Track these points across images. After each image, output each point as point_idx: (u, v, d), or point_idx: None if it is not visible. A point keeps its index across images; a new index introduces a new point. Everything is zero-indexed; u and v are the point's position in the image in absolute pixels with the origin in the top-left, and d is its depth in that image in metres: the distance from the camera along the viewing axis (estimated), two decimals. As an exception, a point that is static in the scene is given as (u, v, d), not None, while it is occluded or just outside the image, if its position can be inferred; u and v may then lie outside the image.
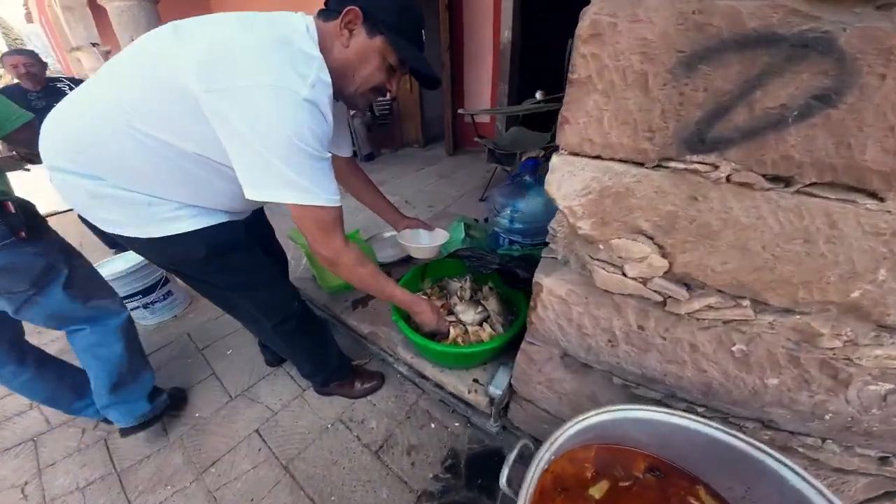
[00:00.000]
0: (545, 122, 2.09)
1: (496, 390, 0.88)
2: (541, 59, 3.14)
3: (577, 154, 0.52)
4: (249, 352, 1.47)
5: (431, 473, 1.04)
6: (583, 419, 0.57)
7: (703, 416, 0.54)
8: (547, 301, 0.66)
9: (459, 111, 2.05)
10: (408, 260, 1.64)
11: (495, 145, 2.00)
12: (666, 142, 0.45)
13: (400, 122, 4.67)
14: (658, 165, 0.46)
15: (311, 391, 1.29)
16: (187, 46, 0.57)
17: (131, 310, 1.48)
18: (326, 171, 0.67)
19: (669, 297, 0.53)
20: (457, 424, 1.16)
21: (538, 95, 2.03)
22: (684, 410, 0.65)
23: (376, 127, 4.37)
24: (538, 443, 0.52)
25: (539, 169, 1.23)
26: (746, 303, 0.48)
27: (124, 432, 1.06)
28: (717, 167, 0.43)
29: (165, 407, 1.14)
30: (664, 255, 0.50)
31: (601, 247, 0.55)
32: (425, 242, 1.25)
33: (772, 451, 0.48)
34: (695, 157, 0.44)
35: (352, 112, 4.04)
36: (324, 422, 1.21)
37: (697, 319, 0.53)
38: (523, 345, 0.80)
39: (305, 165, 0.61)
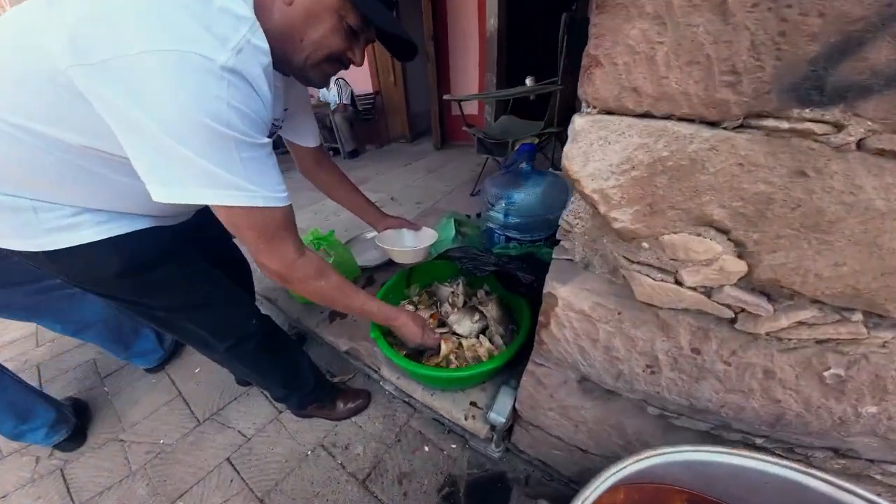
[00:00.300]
0: (537, 111, 1.93)
1: (498, 417, 0.72)
2: (529, 48, 2.98)
3: (612, 112, 0.36)
4: (219, 370, 1.27)
5: (427, 504, 0.89)
6: (627, 465, 0.42)
7: (762, 448, 0.41)
8: (563, 318, 0.50)
9: (445, 97, 1.86)
10: (393, 263, 1.47)
11: (484, 134, 1.83)
12: (759, 90, 0.29)
13: (385, 116, 4.45)
14: (744, 125, 0.31)
15: (288, 413, 1.12)
16: (62, 14, 0.40)
17: (79, 328, 1.31)
18: (264, 160, 0.50)
19: (743, 311, 0.38)
20: (453, 447, 1.01)
21: (528, 82, 1.87)
22: (738, 442, 0.52)
23: (360, 122, 4.14)
24: (547, 468, 0.37)
25: (537, 155, 1.07)
26: (857, 317, 0.34)
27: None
28: (842, 127, 0.27)
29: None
30: (741, 256, 0.35)
31: (645, 245, 0.39)
32: (410, 244, 1.08)
33: (864, 493, 0.35)
34: (806, 113, 0.28)
35: (332, 108, 3.81)
36: (303, 448, 1.04)
37: (779, 340, 0.38)
38: (530, 365, 0.64)
39: (232, 156, 0.45)
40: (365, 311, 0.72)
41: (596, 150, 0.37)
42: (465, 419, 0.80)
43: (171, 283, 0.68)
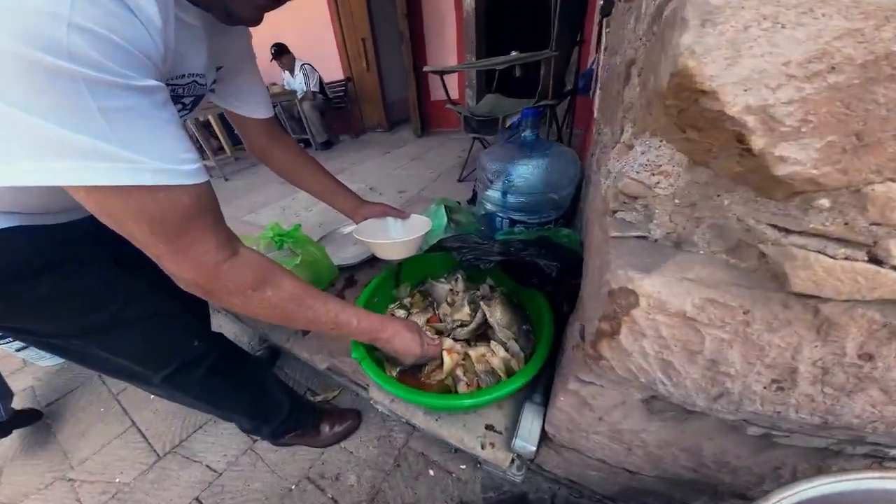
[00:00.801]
0: (523, 89, 1.74)
1: (526, 446, 0.55)
2: (509, 26, 2.76)
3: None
4: (178, 396, 1.05)
5: (439, 542, 0.72)
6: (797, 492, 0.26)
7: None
8: (646, 324, 0.32)
9: (425, 69, 1.61)
10: (377, 259, 1.26)
11: (471, 113, 1.61)
12: None
13: (359, 104, 4.12)
14: None
15: (265, 442, 0.91)
16: None
17: (18, 350, 1.13)
18: (151, 115, 0.31)
19: None
20: (463, 467, 0.83)
21: (514, 55, 1.66)
22: (864, 456, 0.37)
23: (331, 111, 3.80)
24: (576, 485, 0.22)
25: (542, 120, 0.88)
26: None
27: None
28: None
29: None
30: None
31: (825, 203, 0.21)
32: (397, 236, 0.87)
33: None
34: None
35: (300, 96, 3.44)
36: (286, 482, 0.84)
37: None
38: (573, 383, 0.47)
39: (82, 106, 0.26)
40: (339, 325, 0.51)
41: (756, 39, 0.19)
42: (482, 448, 0.62)
43: (62, 301, 0.47)
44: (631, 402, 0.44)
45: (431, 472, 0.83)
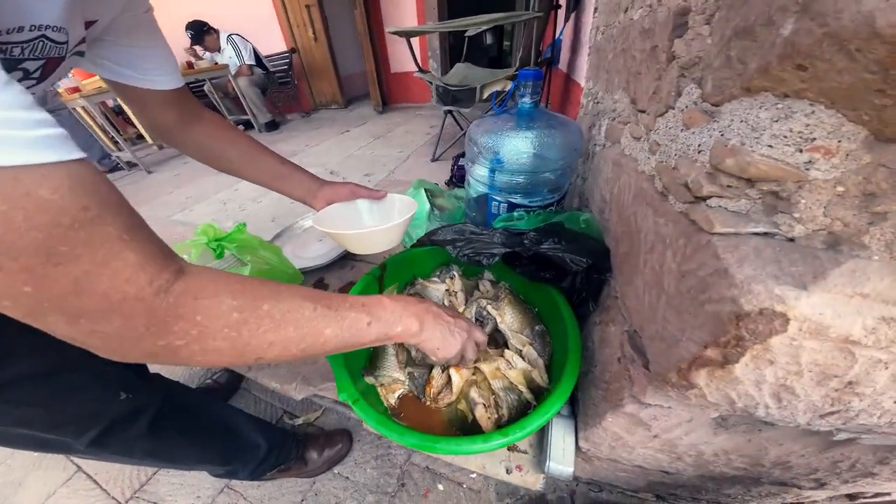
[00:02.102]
0: (495, 59, 1.57)
1: (562, 469, 0.46)
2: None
3: None
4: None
5: (458, 562, 0.64)
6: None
7: None
8: (784, 351, 0.22)
9: (388, 30, 1.35)
10: (352, 256, 1.08)
11: (444, 83, 1.40)
12: None
13: (308, 80, 3.63)
14: None
15: (242, 480, 0.76)
16: None
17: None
18: None
19: None
20: (473, 476, 0.76)
21: (494, 15, 1.45)
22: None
23: (274, 88, 3.30)
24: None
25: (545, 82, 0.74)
26: None
27: None
28: None
29: None
30: None
31: None
32: (373, 222, 0.69)
33: None
34: None
35: (233, 72, 2.90)
36: (276, 521, 0.71)
37: None
38: (629, 405, 0.37)
39: None
40: (353, 332, 0.33)
41: None
42: (508, 473, 0.53)
43: None
44: (700, 420, 0.37)
45: (441, 487, 0.74)
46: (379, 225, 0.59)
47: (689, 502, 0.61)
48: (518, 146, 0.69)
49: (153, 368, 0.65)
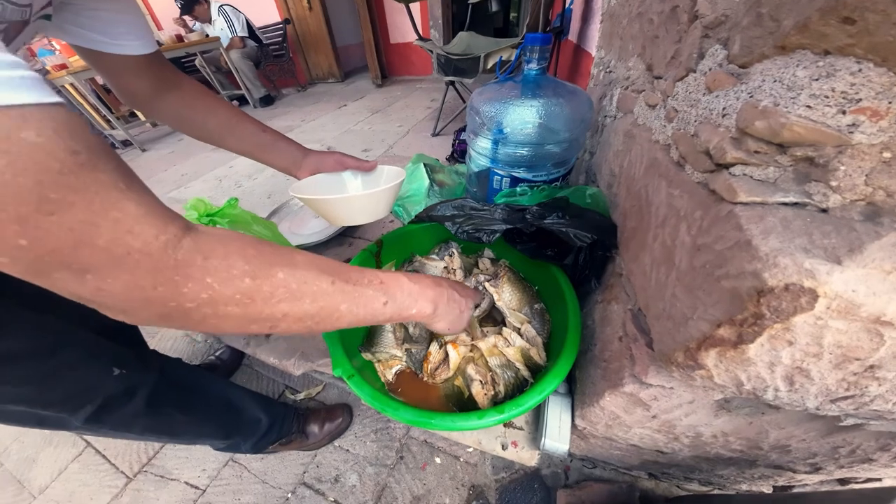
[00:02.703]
0: (501, 30, 1.46)
1: (558, 446, 0.47)
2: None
3: None
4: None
5: (454, 528, 0.67)
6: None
7: None
8: (807, 331, 0.20)
9: None
10: (351, 234, 1.06)
11: (446, 52, 1.31)
12: None
13: (303, 52, 3.47)
14: None
15: (245, 451, 0.79)
16: None
17: None
18: None
19: None
20: (470, 450, 0.77)
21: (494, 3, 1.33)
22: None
23: (269, 61, 3.15)
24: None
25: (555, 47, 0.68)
26: None
27: None
28: None
29: None
30: None
31: None
32: (356, 189, 0.65)
33: None
34: None
35: (225, 44, 2.75)
36: (279, 491, 0.74)
37: None
38: (629, 384, 0.36)
39: None
40: (369, 310, 0.32)
41: None
42: (503, 449, 0.54)
43: None
44: (702, 402, 0.36)
45: (438, 460, 0.77)
46: (362, 192, 0.55)
47: (681, 481, 0.62)
48: (523, 116, 0.65)
49: (153, 344, 0.65)
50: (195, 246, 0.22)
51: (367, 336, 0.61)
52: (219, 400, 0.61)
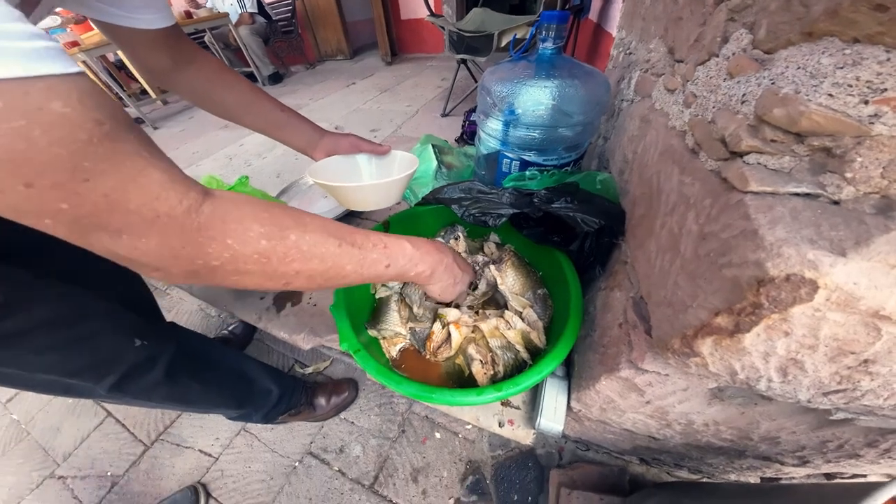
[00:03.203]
0: (517, 6, 1.39)
1: (552, 426, 0.49)
2: None
3: None
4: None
5: (451, 498, 0.71)
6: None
7: None
8: (804, 322, 0.21)
9: None
10: (354, 215, 1.06)
11: (458, 29, 1.26)
12: None
13: (312, 29, 3.37)
14: None
15: (256, 421, 0.84)
16: None
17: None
18: None
19: None
20: (468, 427, 0.81)
21: None
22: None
23: (277, 37, 3.08)
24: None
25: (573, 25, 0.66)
26: None
27: None
28: None
29: None
30: None
31: None
32: (370, 179, 0.66)
33: None
34: None
35: (234, 20, 2.70)
36: (287, 460, 0.79)
37: None
38: (625, 370, 0.38)
39: None
40: (372, 271, 0.34)
41: None
42: (500, 426, 0.56)
43: None
44: (696, 389, 0.37)
45: (438, 435, 0.80)
46: (377, 181, 0.57)
47: (671, 468, 0.64)
48: (536, 97, 0.63)
49: (170, 318, 0.68)
50: (214, 210, 0.24)
51: (374, 313, 0.63)
52: (232, 371, 0.65)
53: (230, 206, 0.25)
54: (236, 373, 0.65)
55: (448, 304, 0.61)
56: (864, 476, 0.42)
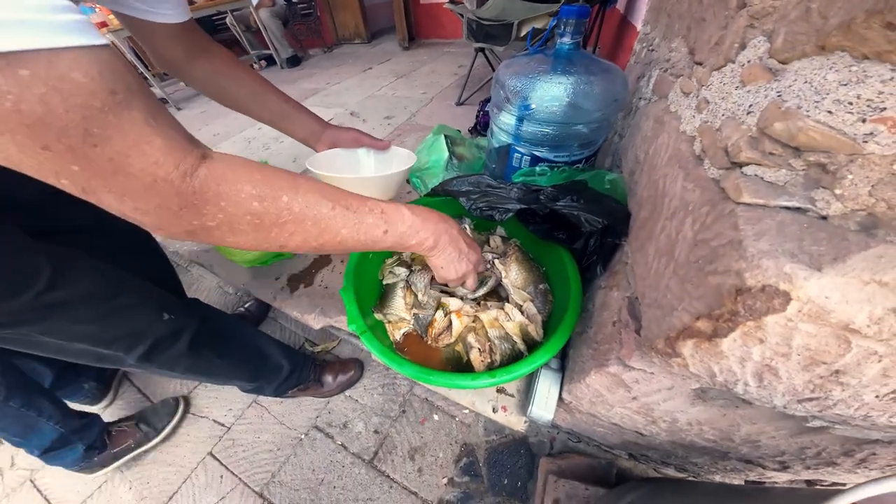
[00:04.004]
0: None
1: (543, 414, 0.51)
2: None
3: None
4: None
5: (445, 478, 0.75)
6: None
7: None
8: (776, 331, 0.22)
9: None
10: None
11: (477, 16, 1.24)
12: None
13: (330, 12, 3.34)
14: None
15: (268, 394, 0.89)
16: None
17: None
18: None
19: None
20: (466, 412, 0.84)
21: None
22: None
23: (296, 20, 3.07)
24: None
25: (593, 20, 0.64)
26: None
27: None
28: None
29: None
30: None
31: None
32: (368, 171, 0.69)
33: None
34: None
35: (255, 2, 2.70)
36: (294, 432, 0.85)
37: None
38: (613, 366, 0.39)
39: None
40: (369, 236, 0.34)
41: None
42: (494, 411, 0.59)
43: None
44: (680, 389, 0.38)
45: (436, 417, 0.84)
46: (373, 175, 0.59)
47: (658, 465, 0.66)
48: (551, 93, 0.63)
49: (190, 293, 0.73)
50: (209, 173, 0.25)
51: (381, 298, 0.66)
52: (249, 346, 0.69)
53: (225, 169, 0.26)
54: (252, 348, 0.70)
55: (452, 293, 0.63)
56: (843, 485, 0.43)
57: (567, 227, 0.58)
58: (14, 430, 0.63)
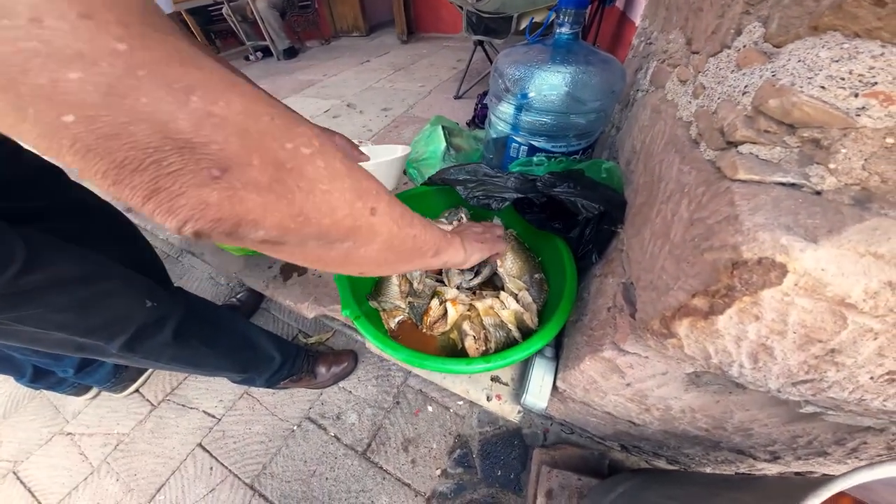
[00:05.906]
0: None
1: (537, 403, 0.51)
2: None
3: None
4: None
5: (438, 469, 0.75)
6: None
7: None
8: (773, 306, 0.22)
9: None
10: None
11: (477, 9, 1.23)
12: None
13: (329, 4, 3.30)
14: None
15: (259, 385, 0.88)
16: None
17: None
18: None
19: None
20: (460, 403, 0.84)
21: None
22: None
23: (294, 11, 3.03)
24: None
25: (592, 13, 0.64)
26: None
27: None
28: None
29: None
30: None
31: None
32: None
33: None
34: None
35: None
36: (286, 423, 0.84)
37: None
38: (608, 350, 0.39)
39: None
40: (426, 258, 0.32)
41: None
42: (488, 400, 0.59)
43: None
44: (674, 374, 0.38)
45: (430, 409, 0.84)
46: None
47: (650, 457, 0.67)
48: (549, 82, 0.63)
49: (180, 284, 0.71)
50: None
51: (376, 286, 0.65)
52: (238, 336, 0.68)
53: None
54: (242, 338, 0.68)
55: (447, 283, 0.63)
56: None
57: (563, 217, 0.59)
58: (45, 353, 0.61)
